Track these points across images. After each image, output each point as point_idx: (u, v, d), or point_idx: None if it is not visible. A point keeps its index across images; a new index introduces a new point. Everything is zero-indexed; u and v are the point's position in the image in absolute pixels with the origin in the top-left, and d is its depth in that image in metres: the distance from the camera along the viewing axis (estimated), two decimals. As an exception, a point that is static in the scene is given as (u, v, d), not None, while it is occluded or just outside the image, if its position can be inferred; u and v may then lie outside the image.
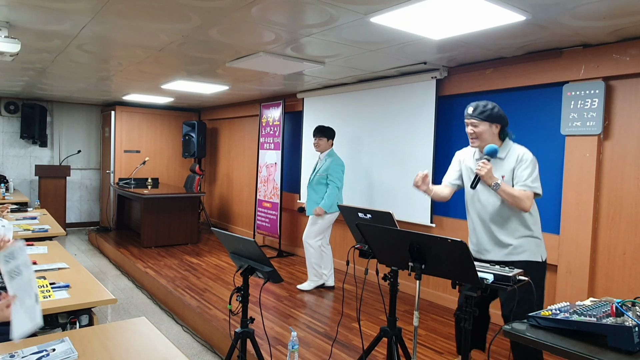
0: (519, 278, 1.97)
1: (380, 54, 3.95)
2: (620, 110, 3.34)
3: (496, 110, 2.60)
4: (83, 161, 9.00)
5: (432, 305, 4.54)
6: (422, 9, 2.68)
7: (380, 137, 5.12)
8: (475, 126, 2.60)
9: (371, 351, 2.69)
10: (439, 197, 2.86)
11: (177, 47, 3.95)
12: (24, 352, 1.74)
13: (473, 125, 2.61)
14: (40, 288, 2.46)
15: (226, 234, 2.53)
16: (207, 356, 3.62)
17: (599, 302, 1.81)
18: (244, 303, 2.48)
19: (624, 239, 3.31)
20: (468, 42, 3.47)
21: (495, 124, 2.60)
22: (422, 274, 2.05)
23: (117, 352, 1.81)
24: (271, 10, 2.90)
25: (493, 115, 2.58)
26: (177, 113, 9.15)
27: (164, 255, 6.34)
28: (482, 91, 4.18)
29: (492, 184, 2.50)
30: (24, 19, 3.28)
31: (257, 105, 7.31)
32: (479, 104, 2.61)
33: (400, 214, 4.68)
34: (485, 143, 2.60)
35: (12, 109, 8.30)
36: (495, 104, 2.62)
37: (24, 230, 4.11)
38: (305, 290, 4.85)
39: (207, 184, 9.29)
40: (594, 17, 2.81)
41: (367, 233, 2.28)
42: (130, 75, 5.50)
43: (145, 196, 6.70)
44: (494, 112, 2.59)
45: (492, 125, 2.59)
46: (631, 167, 3.28)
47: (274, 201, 6.67)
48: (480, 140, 2.62)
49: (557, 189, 3.63)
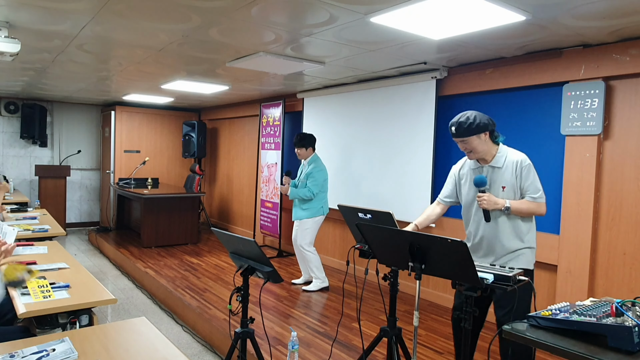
0: (519, 278, 1.98)
1: (380, 54, 3.95)
2: (620, 110, 3.34)
3: (477, 121, 2.54)
4: (83, 161, 9.00)
5: (432, 305, 4.54)
6: (422, 9, 2.67)
7: (380, 137, 5.11)
8: (465, 143, 2.59)
9: (371, 351, 2.69)
10: (430, 221, 2.89)
11: (177, 47, 3.95)
12: (24, 352, 1.74)
13: (463, 142, 2.60)
14: (40, 288, 2.46)
15: (226, 234, 2.53)
16: (207, 356, 3.62)
17: (599, 302, 1.81)
18: (244, 303, 2.48)
19: (624, 239, 3.31)
20: (468, 42, 3.47)
21: (482, 133, 2.56)
22: (422, 274, 2.05)
23: (117, 352, 1.81)
24: (271, 10, 2.90)
25: (476, 127, 2.54)
26: (177, 113, 9.15)
27: (164, 255, 6.34)
28: (482, 91, 4.18)
29: (503, 210, 2.53)
30: (24, 19, 3.28)
31: (257, 105, 7.31)
32: (460, 123, 2.57)
33: (400, 214, 4.67)
34: (482, 153, 2.60)
35: (12, 109, 8.30)
36: (474, 114, 2.57)
37: (24, 230, 4.11)
38: (311, 291, 4.85)
39: (207, 184, 9.28)
40: (594, 17, 2.81)
41: (367, 233, 2.28)
42: (130, 75, 5.50)
43: (145, 196, 6.70)
44: (475, 124, 2.54)
45: (480, 135, 2.56)
46: (631, 167, 3.28)
47: (274, 201, 6.68)
48: (475, 152, 2.61)
49: (557, 189, 3.63)
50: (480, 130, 2.55)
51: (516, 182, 2.56)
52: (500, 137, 2.65)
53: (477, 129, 2.54)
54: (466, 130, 2.55)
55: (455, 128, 2.59)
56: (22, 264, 2.61)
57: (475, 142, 2.57)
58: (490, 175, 2.61)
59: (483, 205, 2.54)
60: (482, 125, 2.55)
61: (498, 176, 2.60)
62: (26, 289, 2.43)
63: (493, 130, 2.61)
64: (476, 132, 2.55)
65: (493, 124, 2.61)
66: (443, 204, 2.91)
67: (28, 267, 2.55)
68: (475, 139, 2.56)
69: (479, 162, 2.67)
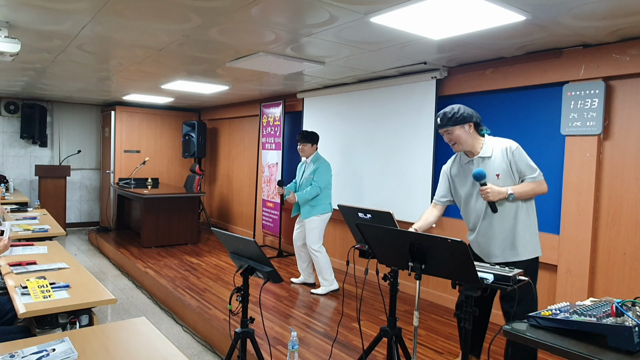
0: (519, 278, 1.98)
1: (380, 54, 3.95)
2: (620, 110, 3.34)
3: (462, 112, 2.64)
4: (83, 161, 9.00)
5: (432, 305, 4.54)
6: (422, 9, 2.68)
7: (380, 137, 5.11)
8: (450, 133, 2.66)
9: (371, 351, 2.69)
10: (430, 224, 2.91)
11: (177, 47, 3.95)
12: (24, 352, 1.74)
13: (447, 133, 2.67)
14: (40, 288, 2.46)
15: (226, 234, 2.53)
16: (207, 356, 3.62)
17: (599, 302, 1.81)
18: (244, 303, 2.48)
19: (624, 239, 3.31)
20: (468, 42, 3.47)
21: (467, 123, 2.64)
22: (422, 274, 2.05)
23: (117, 352, 1.81)
24: (271, 10, 2.90)
25: (460, 117, 2.62)
26: (177, 113, 9.15)
27: (164, 255, 6.34)
28: (482, 91, 4.18)
29: (507, 198, 2.56)
30: (24, 19, 3.28)
31: (257, 105, 7.31)
32: (445, 113, 2.66)
33: (400, 214, 4.67)
34: (466, 145, 2.66)
35: (12, 109, 8.30)
36: (459, 106, 2.66)
37: (24, 230, 4.11)
38: (319, 295, 4.74)
39: (207, 184, 9.29)
40: (594, 17, 2.81)
41: (367, 233, 2.28)
42: (130, 75, 5.50)
43: (145, 196, 6.70)
44: (460, 114, 2.63)
45: (464, 126, 2.63)
46: (631, 167, 3.28)
47: (276, 201, 6.68)
48: (459, 144, 2.67)
49: (557, 189, 3.63)
50: (465, 120, 2.62)
51: (510, 168, 2.61)
52: (486, 130, 2.71)
53: (461, 119, 2.62)
54: (449, 120, 2.63)
55: (440, 118, 2.67)
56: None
57: (459, 132, 2.63)
58: (482, 166, 2.65)
59: (488, 198, 2.56)
60: (467, 115, 2.63)
61: (489, 165, 2.64)
62: (26, 289, 2.44)
63: (478, 123, 2.68)
64: (460, 122, 2.62)
65: (478, 117, 2.68)
66: (440, 204, 2.94)
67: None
68: (459, 129, 2.63)
69: (468, 156, 2.72)
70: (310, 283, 5.06)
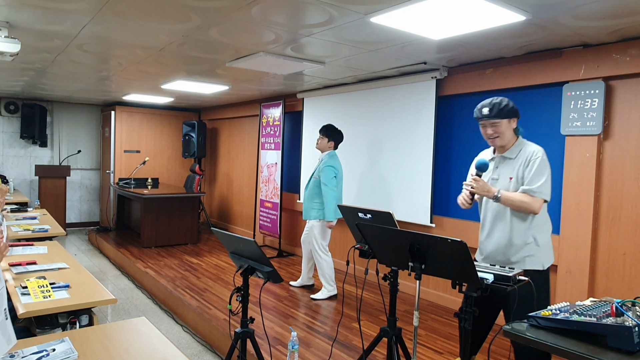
0: (519, 278, 1.98)
1: (380, 54, 3.95)
2: (620, 110, 3.34)
3: (512, 105, 2.53)
4: (83, 161, 9.00)
5: (432, 305, 4.54)
6: (422, 9, 2.67)
7: (380, 137, 5.12)
8: (497, 125, 2.52)
9: (371, 351, 2.69)
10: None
11: (177, 47, 3.95)
12: (24, 352, 1.74)
13: (493, 125, 2.53)
14: (40, 288, 2.46)
15: (226, 234, 2.53)
16: (207, 356, 3.62)
17: (599, 302, 1.81)
18: (244, 303, 2.48)
19: (624, 239, 3.31)
20: (468, 42, 3.47)
21: (513, 118, 2.54)
22: (422, 274, 2.05)
23: (117, 352, 1.81)
24: (271, 10, 2.90)
25: (512, 110, 2.52)
26: (177, 113, 9.15)
27: (164, 255, 6.34)
28: (482, 91, 4.18)
29: (492, 197, 2.47)
30: (24, 19, 3.28)
31: (257, 105, 7.31)
32: (494, 104, 2.52)
33: (400, 214, 4.68)
34: (505, 140, 2.55)
35: (12, 109, 8.30)
36: (507, 98, 2.55)
37: (24, 230, 4.11)
38: (319, 299, 4.64)
39: (207, 184, 9.29)
40: (594, 17, 2.81)
41: (367, 233, 2.28)
42: (130, 75, 5.50)
43: (145, 196, 6.70)
44: (511, 106, 2.52)
45: (511, 120, 2.53)
46: (631, 167, 3.28)
47: (274, 201, 6.68)
48: (501, 139, 2.54)
49: (557, 189, 3.63)
50: (513, 114, 2.53)
51: (524, 172, 2.49)
52: (521, 130, 2.61)
53: (513, 113, 2.52)
54: (500, 112, 2.50)
55: (489, 109, 2.52)
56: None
57: (505, 126, 2.52)
58: (501, 166, 2.56)
59: (474, 189, 2.48)
60: (515, 110, 2.54)
61: (509, 166, 2.55)
62: (26, 289, 2.43)
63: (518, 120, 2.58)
64: (509, 116, 2.52)
65: (519, 116, 2.58)
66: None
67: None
68: (506, 123, 2.52)
69: (496, 152, 2.62)
70: (309, 285, 5.02)
